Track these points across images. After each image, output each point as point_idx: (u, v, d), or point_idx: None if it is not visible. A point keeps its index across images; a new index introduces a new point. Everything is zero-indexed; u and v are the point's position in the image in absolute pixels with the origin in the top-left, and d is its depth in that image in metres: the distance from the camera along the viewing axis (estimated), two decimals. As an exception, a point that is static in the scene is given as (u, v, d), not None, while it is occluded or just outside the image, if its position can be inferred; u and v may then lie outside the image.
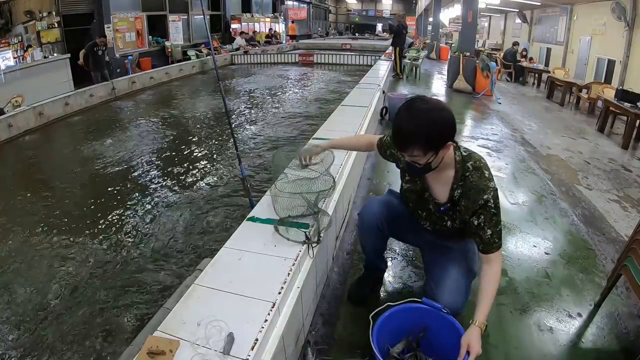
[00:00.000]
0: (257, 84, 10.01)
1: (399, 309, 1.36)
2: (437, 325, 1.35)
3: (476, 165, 1.31)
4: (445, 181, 1.36)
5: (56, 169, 4.71)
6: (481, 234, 1.33)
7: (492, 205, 1.30)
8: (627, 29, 7.20)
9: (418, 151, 1.19)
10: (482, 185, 1.29)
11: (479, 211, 1.31)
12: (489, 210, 1.30)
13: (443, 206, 1.39)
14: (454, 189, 1.34)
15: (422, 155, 1.20)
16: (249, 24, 17.29)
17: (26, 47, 7.69)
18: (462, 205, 1.34)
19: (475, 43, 10.03)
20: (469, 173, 1.31)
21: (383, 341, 1.33)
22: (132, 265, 2.72)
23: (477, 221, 1.32)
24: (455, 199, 1.35)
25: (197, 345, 1.07)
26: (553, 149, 4.41)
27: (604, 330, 1.69)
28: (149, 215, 3.40)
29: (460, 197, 1.34)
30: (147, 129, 6.12)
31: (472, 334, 1.22)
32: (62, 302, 2.37)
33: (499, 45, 15.73)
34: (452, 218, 1.41)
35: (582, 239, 2.45)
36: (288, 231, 1.58)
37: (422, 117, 1.18)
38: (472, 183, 1.30)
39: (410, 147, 1.19)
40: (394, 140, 1.26)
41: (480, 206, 1.30)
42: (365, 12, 36.69)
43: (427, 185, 1.43)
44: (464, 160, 1.32)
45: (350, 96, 4.87)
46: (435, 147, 1.20)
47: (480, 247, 1.36)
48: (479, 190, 1.29)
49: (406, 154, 1.23)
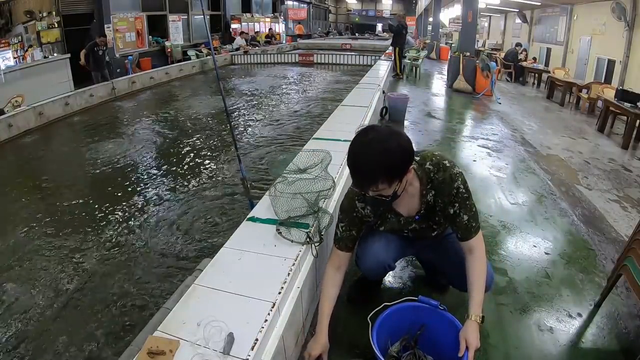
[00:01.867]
0: (257, 84, 10.00)
1: (396, 309, 1.36)
2: (435, 322, 1.36)
3: (434, 161, 1.33)
4: (413, 195, 1.36)
5: (56, 169, 4.70)
6: (457, 220, 1.34)
7: (463, 190, 1.32)
8: (627, 29, 7.20)
9: (383, 184, 1.17)
10: (449, 176, 1.31)
11: (453, 200, 1.32)
12: (461, 196, 1.32)
13: (417, 215, 1.40)
14: (424, 195, 1.35)
15: (387, 187, 1.19)
16: (249, 24, 17.30)
17: (26, 48, 7.69)
18: (439, 204, 1.35)
19: (475, 43, 10.03)
20: (432, 173, 1.32)
21: (383, 341, 1.33)
22: (131, 265, 2.72)
23: (452, 209, 1.34)
24: (431, 203, 1.36)
25: (197, 345, 1.07)
26: (553, 149, 4.41)
27: (604, 330, 1.69)
28: (148, 215, 3.40)
29: (435, 197, 1.34)
30: (147, 129, 6.11)
31: (469, 328, 1.23)
32: (61, 302, 2.37)
33: (499, 45, 15.72)
34: (435, 221, 1.42)
35: (582, 239, 2.45)
36: (290, 232, 1.58)
37: (378, 150, 1.13)
38: (439, 179, 1.32)
39: (373, 183, 1.16)
40: (356, 181, 1.21)
41: (453, 195, 1.32)
42: (365, 12, 36.69)
43: (398, 213, 1.43)
44: (421, 165, 1.33)
45: (350, 96, 4.87)
46: (400, 175, 1.19)
47: (459, 235, 1.36)
48: (447, 181, 1.31)
49: (370, 191, 1.21)
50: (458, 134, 5.00)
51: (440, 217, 1.39)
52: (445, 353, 1.31)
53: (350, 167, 1.20)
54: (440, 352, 1.35)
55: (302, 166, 2.10)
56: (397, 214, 1.43)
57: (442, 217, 1.39)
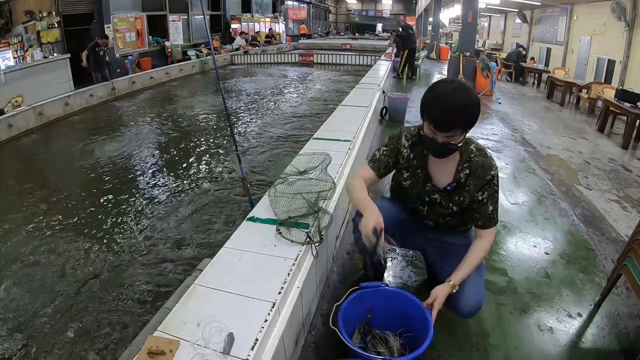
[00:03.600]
0: (257, 83, 10.00)
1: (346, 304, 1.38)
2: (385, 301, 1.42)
3: (479, 147, 1.42)
4: (450, 166, 1.41)
5: (56, 169, 4.70)
6: (483, 209, 1.39)
7: (496, 182, 1.39)
8: (627, 29, 7.20)
9: (459, 129, 1.25)
10: (488, 163, 1.38)
11: (485, 187, 1.38)
12: (493, 186, 1.39)
13: (449, 186, 1.42)
14: (459, 170, 1.40)
15: (460, 134, 1.27)
16: (249, 24, 17.29)
17: (26, 48, 7.69)
18: (470, 184, 1.39)
19: (475, 43, 10.03)
20: (474, 154, 1.39)
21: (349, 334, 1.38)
22: (131, 264, 2.72)
23: (481, 196, 1.39)
24: (462, 180, 1.40)
25: (197, 346, 1.07)
26: (553, 149, 4.41)
27: (604, 330, 1.69)
28: (148, 214, 3.40)
29: (468, 176, 1.39)
30: (147, 129, 6.11)
31: (443, 288, 1.33)
32: (61, 302, 2.37)
33: (499, 45, 15.72)
34: (457, 201, 1.43)
35: (582, 239, 2.45)
36: (290, 232, 1.58)
37: (467, 96, 1.23)
38: (478, 162, 1.38)
39: (456, 125, 1.24)
40: (439, 121, 1.25)
41: (487, 182, 1.37)
42: (365, 12, 36.65)
43: (429, 176, 1.46)
44: (467, 143, 1.40)
45: (350, 96, 4.87)
46: (473, 124, 1.28)
47: (480, 223, 1.41)
48: (485, 167, 1.37)
49: (447, 134, 1.26)
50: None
51: (466, 197, 1.41)
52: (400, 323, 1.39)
53: (435, 108, 1.25)
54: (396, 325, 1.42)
55: (302, 168, 2.10)
56: (427, 177, 1.46)
57: (469, 198, 1.41)
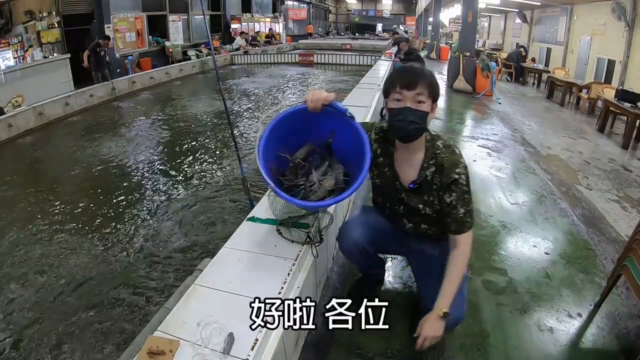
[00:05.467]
0: (257, 83, 10.00)
1: (291, 112, 1.38)
2: (341, 128, 1.40)
3: (446, 143, 1.35)
4: (415, 162, 1.37)
5: (56, 169, 4.70)
6: (454, 212, 1.31)
7: (464, 182, 1.30)
8: (627, 29, 7.19)
9: (426, 89, 1.25)
10: (454, 161, 1.31)
11: (451, 187, 1.30)
12: (461, 187, 1.30)
13: (412, 183, 1.38)
14: (425, 168, 1.35)
15: (427, 97, 1.26)
16: (249, 24, 17.29)
17: (26, 48, 7.68)
18: (435, 182, 1.34)
19: (475, 43, 10.02)
20: (440, 151, 1.33)
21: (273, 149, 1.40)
22: (131, 264, 2.72)
23: (449, 199, 1.31)
24: (428, 178, 1.34)
25: (197, 346, 1.07)
26: (553, 149, 4.41)
27: (604, 330, 1.69)
28: (148, 214, 3.40)
29: (434, 174, 1.34)
30: (147, 129, 6.12)
31: (428, 319, 1.23)
32: (60, 303, 2.37)
33: (499, 45, 15.71)
34: (426, 202, 1.38)
35: (582, 239, 2.45)
36: (290, 232, 1.58)
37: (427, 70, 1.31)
38: (443, 159, 1.31)
39: (420, 82, 1.24)
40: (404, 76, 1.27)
41: (452, 181, 1.29)
42: (365, 12, 36.66)
43: (396, 174, 1.41)
44: (434, 139, 1.36)
45: (350, 96, 4.87)
46: (435, 95, 1.28)
47: (453, 228, 1.33)
48: (451, 165, 1.30)
49: (414, 92, 1.25)
50: (458, 134, 5.00)
51: (435, 197, 1.36)
52: (349, 161, 1.38)
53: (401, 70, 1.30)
54: (344, 159, 1.43)
55: None
56: (395, 175, 1.41)
57: (437, 199, 1.35)
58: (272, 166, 1.40)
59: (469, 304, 1.76)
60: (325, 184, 1.43)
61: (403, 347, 1.54)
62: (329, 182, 1.44)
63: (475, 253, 2.20)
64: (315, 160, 1.49)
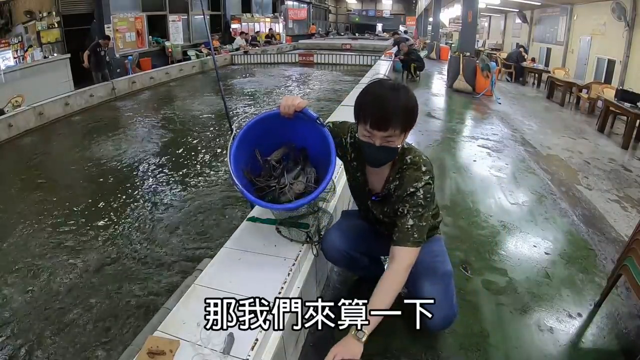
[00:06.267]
0: (257, 84, 10.01)
1: (264, 117, 1.43)
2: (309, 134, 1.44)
3: (414, 159, 1.30)
4: (383, 175, 1.37)
5: (56, 169, 4.71)
6: (402, 221, 1.24)
7: (421, 196, 1.24)
8: (627, 29, 7.19)
9: (399, 128, 1.18)
10: (415, 176, 1.27)
11: (405, 198, 1.26)
12: (416, 200, 1.24)
13: (374, 195, 1.39)
14: (390, 181, 1.35)
15: (398, 135, 1.20)
16: (249, 24, 17.29)
17: (26, 48, 7.69)
18: (395, 196, 1.33)
19: (475, 43, 10.02)
20: (406, 166, 1.30)
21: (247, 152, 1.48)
22: (131, 265, 2.72)
23: (401, 208, 1.27)
24: (391, 191, 1.34)
25: (197, 346, 1.07)
26: (553, 149, 4.41)
27: (604, 330, 1.69)
28: (148, 214, 3.40)
29: (396, 188, 1.33)
30: (147, 129, 6.12)
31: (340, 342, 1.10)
32: (60, 303, 2.37)
33: (499, 45, 15.71)
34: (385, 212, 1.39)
35: (582, 239, 2.45)
36: (290, 232, 1.58)
37: (406, 95, 1.19)
38: (406, 174, 1.29)
39: (393, 124, 1.17)
40: (376, 120, 1.18)
41: (408, 194, 1.26)
42: (365, 12, 36.65)
43: (367, 180, 1.43)
44: (403, 154, 1.32)
45: (350, 96, 4.88)
46: (412, 124, 1.22)
47: (395, 237, 1.24)
48: (411, 180, 1.27)
49: (385, 133, 1.18)
50: (458, 134, 5.00)
51: (389, 208, 1.35)
52: (321, 163, 1.43)
53: (374, 106, 1.18)
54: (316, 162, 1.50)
55: None
56: (365, 180, 1.43)
57: (392, 211, 1.34)
58: (245, 168, 1.47)
59: (469, 304, 1.77)
60: (294, 187, 1.48)
61: (403, 347, 1.54)
62: (298, 186, 1.49)
63: (475, 253, 2.21)
64: (289, 163, 1.55)
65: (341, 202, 2.18)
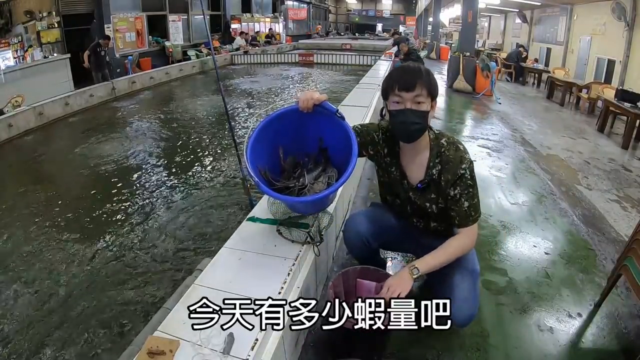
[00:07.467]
0: (257, 83, 10.00)
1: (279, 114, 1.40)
2: (329, 130, 1.41)
3: (450, 140, 1.36)
4: (422, 162, 1.38)
5: (56, 169, 4.71)
6: (458, 206, 1.32)
7: (469, 176, 1.31)
8: (627, 29, 7.19)
9: (424, 89, 1.25)
10: (460, 157, 1.32)
11: (457, 182, 1.31)
12: (466, 181, 1.31)
13: (420, 183, 1.39)
14: (431, 167, 1.36)
15: (426, 96, 1.27)
16: (249, 24, 17.29)
17: (26, 48, 7.68)
18: (442, 181, 1.34)
19: (475, 43, 10.02)
20: (444, 149, 1.34)
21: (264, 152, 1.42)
22: (131, 265, 2.72)
23: (453, 192, 1.32)
24: (435, 177, 1.35)
25: (197, 346, 1.06)
26: (553, 149, 4.41)
27: (604, 330, 1.69)
28: (148, 214, 3.40)
29: (440, 173, 1.35)
30: (146, 129, 6.12)
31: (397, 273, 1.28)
32: (60, 303, 2.37)
33: (499, 45, 15.72)
34: (433, 200, 1.39)
35: (582, 239, 2.45)
36: (290, 232, 1.58)
37: (423, 66, 1.32)
38: (449, 157, 1.33)
39: (418, 83, 1.25)
40: (402, 78, 1.27)
41: (459, 177, 1.31)
42: (365, 12, 36.65)
43: (404, 173, 1.43)
44: (437, 138, 1.37)
45: (351, 96, 4.87)
46: (434, 93, 1.29)
47: (457, 221, 1.34)
48: (456, 162, 1.32)
49: (413, 94, 1.26)
50: (458, 134, 5.00)
51: (441, 195, 1.36)
52: (342, 160, 1.37)
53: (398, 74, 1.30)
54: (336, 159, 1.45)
55: None
56: (402, 174, 1.43)
57: (442, 197, 1.36)
58: (261, 168, 1.43)
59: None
60: (315, 188, 1.45)
61: (403, 347, 1.54)
62: (319, 186, 1.46)
63: (475, 253, 2.20)
64: (310, 164, 1.52)
65: (341, 202, 2.18)
